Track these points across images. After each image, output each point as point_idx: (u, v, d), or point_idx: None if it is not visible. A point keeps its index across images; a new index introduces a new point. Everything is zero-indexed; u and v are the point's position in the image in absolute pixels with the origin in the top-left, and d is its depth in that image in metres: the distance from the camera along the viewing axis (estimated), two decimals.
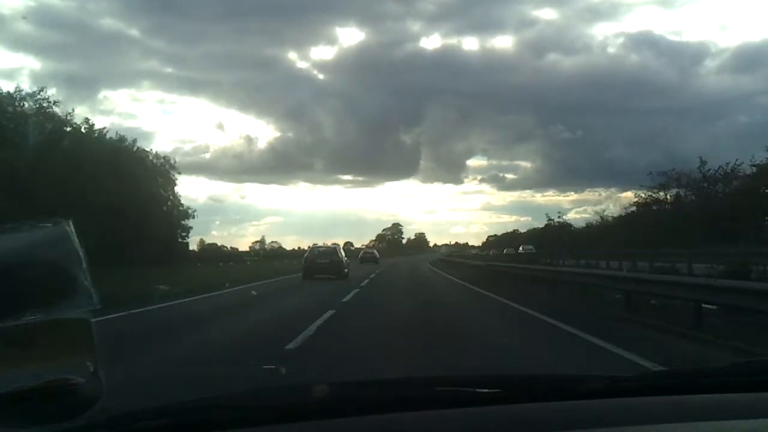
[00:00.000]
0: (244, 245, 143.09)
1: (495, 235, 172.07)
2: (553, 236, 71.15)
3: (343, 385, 2.23)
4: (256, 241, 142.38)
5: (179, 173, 66.76)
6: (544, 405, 1.90)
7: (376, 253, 77.86)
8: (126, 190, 49.06)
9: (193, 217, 69.63)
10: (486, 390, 2.02)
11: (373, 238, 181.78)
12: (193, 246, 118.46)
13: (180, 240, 67.99)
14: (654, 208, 56.66)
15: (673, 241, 39.57)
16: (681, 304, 13.53)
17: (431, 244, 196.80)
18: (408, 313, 15.97)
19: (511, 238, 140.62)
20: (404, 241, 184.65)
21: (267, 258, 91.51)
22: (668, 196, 55.47)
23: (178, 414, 1.82)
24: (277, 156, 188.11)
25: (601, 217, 71.64)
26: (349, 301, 19.44)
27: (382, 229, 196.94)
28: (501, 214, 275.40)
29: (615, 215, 77.31)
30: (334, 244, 41.76)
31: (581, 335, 11.47)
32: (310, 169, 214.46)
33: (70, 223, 1.52)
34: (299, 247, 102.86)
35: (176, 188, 66.54)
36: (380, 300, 20.50)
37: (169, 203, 65.45)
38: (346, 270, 34.50)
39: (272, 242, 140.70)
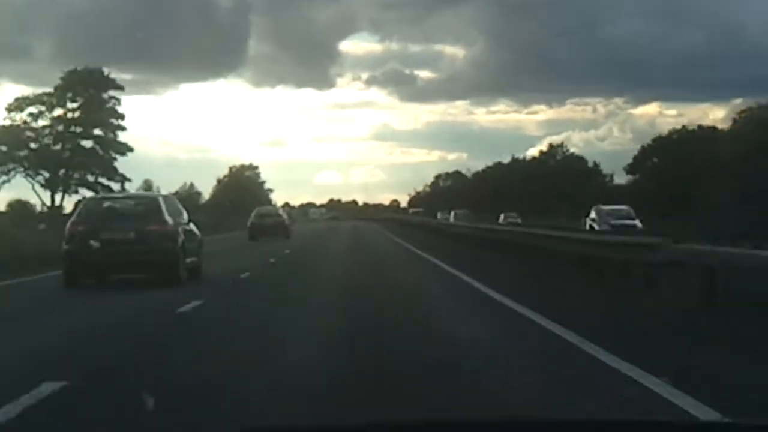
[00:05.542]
0: None
1: (443, 176, 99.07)
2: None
3: None
4: None
5: None
6: None
7: (285, 216, 44.07)
8: None
9: None
10: None
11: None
12: None
13: None
14: None
15: None
16: None
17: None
18: None
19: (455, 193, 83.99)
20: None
21: None
22: None
23: None
24: None
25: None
26: None
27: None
28: (410, 146, 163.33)
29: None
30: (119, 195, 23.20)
31: None
32: (28, 57, 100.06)
33: None
34: None
35: None
36: None
37: None
38: (192, 260, 15.62)
39: None
